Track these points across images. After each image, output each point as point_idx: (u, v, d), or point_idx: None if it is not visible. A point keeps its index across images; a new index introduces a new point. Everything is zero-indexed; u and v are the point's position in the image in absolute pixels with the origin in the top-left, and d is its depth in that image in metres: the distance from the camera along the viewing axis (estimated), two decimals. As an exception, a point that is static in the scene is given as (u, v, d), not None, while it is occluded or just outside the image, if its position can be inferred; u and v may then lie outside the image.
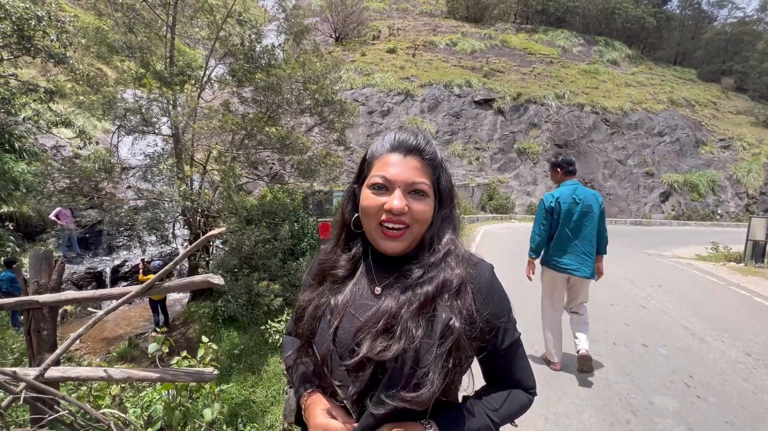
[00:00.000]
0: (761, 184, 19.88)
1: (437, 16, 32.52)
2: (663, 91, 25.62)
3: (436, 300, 0.72)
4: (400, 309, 0.71)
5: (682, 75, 30.81)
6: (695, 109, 24.92)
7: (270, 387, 6.82)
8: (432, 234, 0.79)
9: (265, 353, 7.55)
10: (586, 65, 27.46)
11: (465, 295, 0.74)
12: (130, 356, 7.03)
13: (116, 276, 9.80)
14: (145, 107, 7.15)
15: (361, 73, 21.51)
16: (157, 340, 2.17)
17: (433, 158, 0.78)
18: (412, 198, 0.74)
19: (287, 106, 8.24)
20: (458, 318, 0.71)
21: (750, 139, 22.45)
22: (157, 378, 1.96)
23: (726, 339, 4.16)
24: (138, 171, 9.05)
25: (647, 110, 22.72)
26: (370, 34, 27.11)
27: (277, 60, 8.69)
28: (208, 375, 2.00)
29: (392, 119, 19.68)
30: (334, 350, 0.75)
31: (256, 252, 8.04)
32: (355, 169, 9.90)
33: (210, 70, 8.21)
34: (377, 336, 0.70)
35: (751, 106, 26.67)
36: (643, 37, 34.68)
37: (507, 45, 27.99)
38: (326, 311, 0.79)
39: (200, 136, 7.56)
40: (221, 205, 7.86)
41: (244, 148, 8.34)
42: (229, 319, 8.10)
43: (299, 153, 8.91)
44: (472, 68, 24.09)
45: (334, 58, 10.41)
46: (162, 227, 7.25)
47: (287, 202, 10.54)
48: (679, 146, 21.43)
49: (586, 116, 21.26)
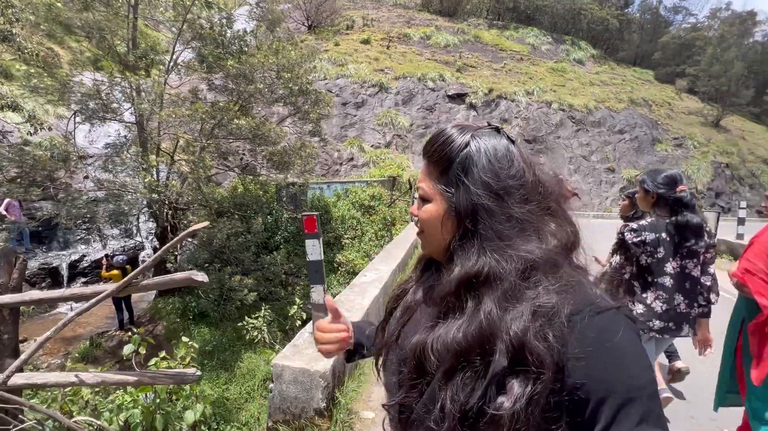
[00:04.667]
0: (708, 180, 21.43)
1: (411, 9, 32.41)
2: (624, 91, 26.91)
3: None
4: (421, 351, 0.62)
5: (641, 76, 32.45)
6: (652, 108, 26.38)
7: (244, 384, 6.68)
8: (448, 247, 0.67)
9: (239, 349, 7.36)
10: (554, 63, 28.34)
11: (546, 366, 0.51)
12: (92, 356, 6.65)
13: (74, 272, 9.19)
14: (105, 92, 6.68)
15: (334, 63, 21.12)
16: (133, 341, 2.04)
17: (435, 155, 0.67)
18: (420, 203, 0.70)
19: (260, 95, 7.97)
20: (511, 401, 0.51)
21: (700, 138, 24.09)
22: (135, 381, 1.86)
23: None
24: (97, 160, 8.50)
25: (609, 109, 23.81)
26: (344, 23, 26.64)
27: (249, 47, 8.36)
28: (190, 376, 1.92)
29: (366, 111, 19.52)
30: (395, 347, 0.73)
31: (228, 246, 7.79)
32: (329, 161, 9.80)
33: (177, 55, 7.77)
34: (409, 383, 0.64)
35: (701, 107, 28.56)
36: (606, 38, 36.18)
37: (479, 40, 28.37)
38: (401, 304, 0.78)
39: (167, 125, 7.17)
40: (190, 197, 7.53)
41: (214, 138, 8.00)
42: (200, 315, 7.83)
43: (272, 144, 8.67)
44: (445, 62, 24.24)
45: (309, 47, 10.15)
46: (126, 220, 6.86)
47: (260, 194, 10.25)
48: (637, 143, 22.66)
49: (554, 113, 22.01)
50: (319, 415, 2.34)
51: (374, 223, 11.25)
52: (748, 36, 35.32)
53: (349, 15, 27.95)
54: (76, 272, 9.25)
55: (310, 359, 2.44)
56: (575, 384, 0.51)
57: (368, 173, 15.72)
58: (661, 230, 2.08)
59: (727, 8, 40.34)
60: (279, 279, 8.63)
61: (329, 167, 16.44)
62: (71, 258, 9.35)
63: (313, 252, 2.62)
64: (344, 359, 0.98)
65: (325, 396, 2.35)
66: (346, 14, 27.79)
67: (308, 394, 2.34)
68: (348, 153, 17.18)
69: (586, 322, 0.53)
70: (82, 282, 9.17)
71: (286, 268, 8.91)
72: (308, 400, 2.34)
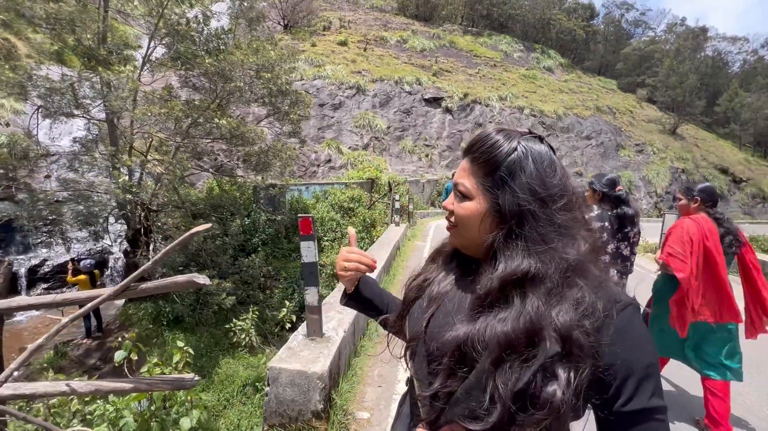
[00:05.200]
0: (667, 184, 22.85)
1: (388, 12, 32.65)
2: (590, 99, 28.24)
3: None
4: (469, 344, 0.64)
5: (605, 85, 34.17)
6: (616, 116, 27.84)
7: (222, 391, 6.49)
8: (492, 246, 0.69)
9: (216, 355, 7.15)
10: (526, 70, 29.35)
11: (585, 358, 0.59)
12: (58, 366, 6.26)
13: (34, 277, 8.64)
14: (70, 87, 6.33)
15: (311, 64, 20.96)
16: (125, 347, 1.96)
17: (483, 156, 0.70)
18: (457, 199, 0.74)
19: (239, 93, 7.80)
20: (562, 389, 0.57)
21: (659, 144, 25.65)
22: (131, 388, 1.79)
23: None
24: (61, 158, 8.04)
25: (577, 115, 24.92)
26: (321, 24, 26.48)
27: (227, 45, 8.16)
28: (188, 381, 1.87)
29: (344, 113, 19.47)
30: (423, 338, 0.74)
31: (204, 249, 7.57)
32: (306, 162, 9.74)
33: (151, 51, 7.49)
34: (449, 374, 0.66)
35: (660, 115, 30.43)
36: (573, 47, 37.88)
37: (455, 46, 28.97)
38: (427, 294, 0.80)
39: (141, 123, 6.89)
40: (165, 198, 7.26)
41: (190, 138, 7.75)
42: (175, 321, 7.54)
43: (250, 144, 8.49)
44: (422, 66, 24.59)
45: (289, 48, 10.03)
46: (95, 222, 6.51)
47: (237, 195, 10.01)
48: (603, 149, 23.82)
49: (525, 118, 22.78)
50: (316, 417, 2.33)
51: (354, 225, 11.23)
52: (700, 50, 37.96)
53: (326, 16, 27.82)
54: (36, 277, 8.70)
55: (306, 361, 2.43)
56: (605, 366, 0.60)
57: (346, 175, 15.67)
58: (605, 220, 2.65)
59: (681, 23, 43.28)
60: (257, 283, 8.45)
61: (306, 168, 16.28)
62: (31, 263, 8.79)
63: (308, 254, 2.62)
64: (345, 298, 0.98)
65: (323, 397, 2.35)
66: (322, 15, 27.64)
67: (305, 396, 2.33)
68: (326, 154, 17.07)
69: (614, 316, 0.62)
70: (44, 289, 8.63)
71: (264, 271, 8.73)
72: (305, 402, 2.33)
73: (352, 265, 0.87)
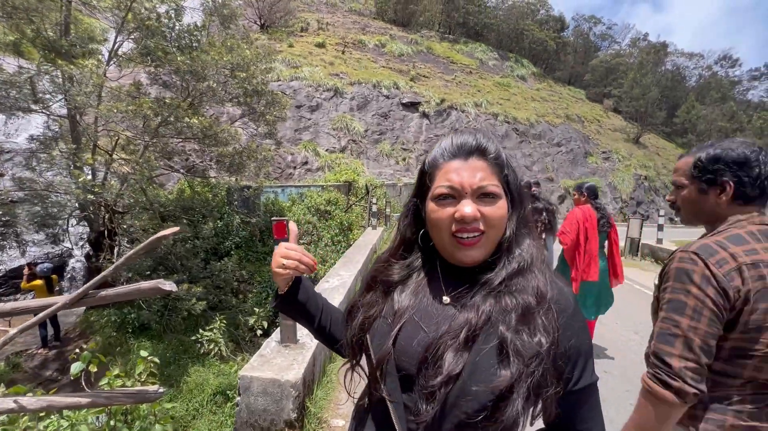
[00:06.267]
0: (631, 190, 23.96)
1: (366, 16, 32.74)
2: (560, 107, 29.30)
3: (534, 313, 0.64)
4: (486, 319, 0.65)
5: (574, 94, 35.56)
6: (585, 124, 29.00)
7: (191, 400, 6.24)
8: (509, 238, 0.70)
9: (185, 363, 6.87)
10: (500, 78, 30.12)
11: (551, 312, 0.65)
12: (9, 379, 5.82)
13: (-17, 283, 8.04)
14: (28, 81, 5.96)
15: (288, 65, 20.69)
16: (83, 358, 1.83)
17: (497, 156, 0.71)
18: (482, 202, 0.68)
19: (212, 93, 7.58)
20: (546, 338, 0.62)
21: (623, 152, 26.89)
22: (88, 403, 1.68)
23: (619, 322, 4.94)
24: (16, 156, 7.54)
25: (549, 123, 25.78)
26: (298, 25, 26.21)
27: (200, 42, 7.93)
28: (152, 394, 1.77)
29: (321, 115, 19.31)
30: (392, 356, 0.69)
31: (174, 252, 7.28)
32: (282, 164, 9.57)
33: (118, 45, 7.16)
34: (458, 351, 0.64)
35: (625, 125, 31.95)
36: (545, 57, 39.23)
37: (432, 52, 29.37)
38: (384, 313, 0.75)
39: (106, 120, 6.56)
40: (132, 200, 6.93)
41: (160, 137, 7.45)
42: (141, 328, 7.20)
43: (223, 145, 8.26)
44: (399, 71, 24.76)
45: (266, 47, 9.85)
46: (53, 224, 6.13)
47: (209, 197, 9.71)
48: (572, 156, 24.73)
49: (500, 125, 23.35)
50: (289, 427, 2.26)
51: (330, 228, 11.12)
52: (661, 64, 40.20)
53: (304, 17, 27.58)
54: (-14, 283, 8.09)
55: (279, 369, 2.36)
56: (562, 350, 0.65)
57: (323, 177, 15.52)
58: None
59: (644, 38, 45.76)
60: (230, 287, 8.21)
61: (282, 170, 16.00)
62: (-20, 268, 8.17)
63: (282, 258, 2.55)
64: (275, 302, 0.90)
65: (296, 406, 2.28)
66: (300, 16, 27.38)
67: (278, 405, 2.26)
68: (302, 156, 16.85)
69: (563, 304, 0.68)
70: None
71: (237, 275, 8.49)
72: (278, 412, 2.26)
73: (291, 263, 0.78)
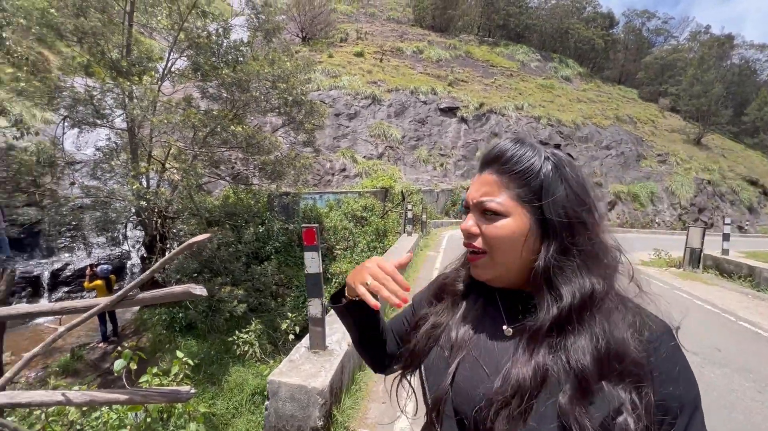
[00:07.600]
0: (691, 196, 22.01)
1: (404, 23, 33.02)
2: (610, 108, 27.67)
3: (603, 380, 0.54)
4: (541, 380, 0.56)
5: (625, 94, 33.47)
6: (637, 125, 27.15)
7: (231, 398, 6.48)
8: (544, 269, 0.60)
9: (227, 362, 7.17)
10: (543, 80, 29.05)
11: (646, 379, 0.55)
12: (73, 370, 6.38)
13: (56, 281, 8.89)
14: (97, 98, 6.58)
15: (328, 74, 21.29)
16: (124, 356, 1.95)
17: (517, 166, 0.62)
18: (484, 219, 0.63)
19: (255, 103, 7.95)
20: (633, 418, 0.52)
21: (682, 155, 24.83)
22: (125, 400, 1.77)
23: (700, 353, 4.47)
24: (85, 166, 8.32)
25: (596, 125, 24.42)
26: (338, 36, 26.97)
27: (245, 56, 8.37)
28: (184, 394, 1.83)
29: (359, 122, 19.64)
30: (449, 396, 0.62)
31: (218, 256, 7.66)
32: (321, 171, 9.75)
33: (171, 62, 7.73)
34: (511, 418, 0.55)
35: (683, 125, 29.52)
36: (592, 56, 37.35)
37: (470, 56, 28.98)
38: (444, 341, 0.68)
39: (160, 132, 7.08)
40: (180, 206, 7.40)
41: (207, 146, 7.92)
42: (188, 327, 7.62)
43: (266, 153, 8.62)
44: (437, 76, 24.65)
45: (306, 59, 10.20)
46: (113, 228, 6.68)
47: (251, 203, 10.14)
48: (623, 159, 23.20)
49: (542, 128, 22.45)
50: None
51: (367, 234, 11.20)
52: (726, 58, 36.81)
53: (343, 28, 28.32)
54: (58, 281, 8.95)
55: (307, 375, 2.38)
56: (659, 395, 0.55)
57: (360, 184, 15.72)
58: None
59: (706, 31, 42.16)
60: (269, 290, 8.48)
61: (321, 177, 16.42)
62: (54, 267, 9.06)
63: (311, 264, 2.58)
64: (340, 303, 0.79)
65: (323, 414, 2.28)
66: (340, 27, 28.16)
67: (305, 412, 2.27)
68: (340, 163, 17.19)
69: (660, 340, 0.58)
70: (65, 292, 8.88)
71: (276, 279, 8.77)
72: (305, 418, 2.27)
73: (375, 284, 0.65)
